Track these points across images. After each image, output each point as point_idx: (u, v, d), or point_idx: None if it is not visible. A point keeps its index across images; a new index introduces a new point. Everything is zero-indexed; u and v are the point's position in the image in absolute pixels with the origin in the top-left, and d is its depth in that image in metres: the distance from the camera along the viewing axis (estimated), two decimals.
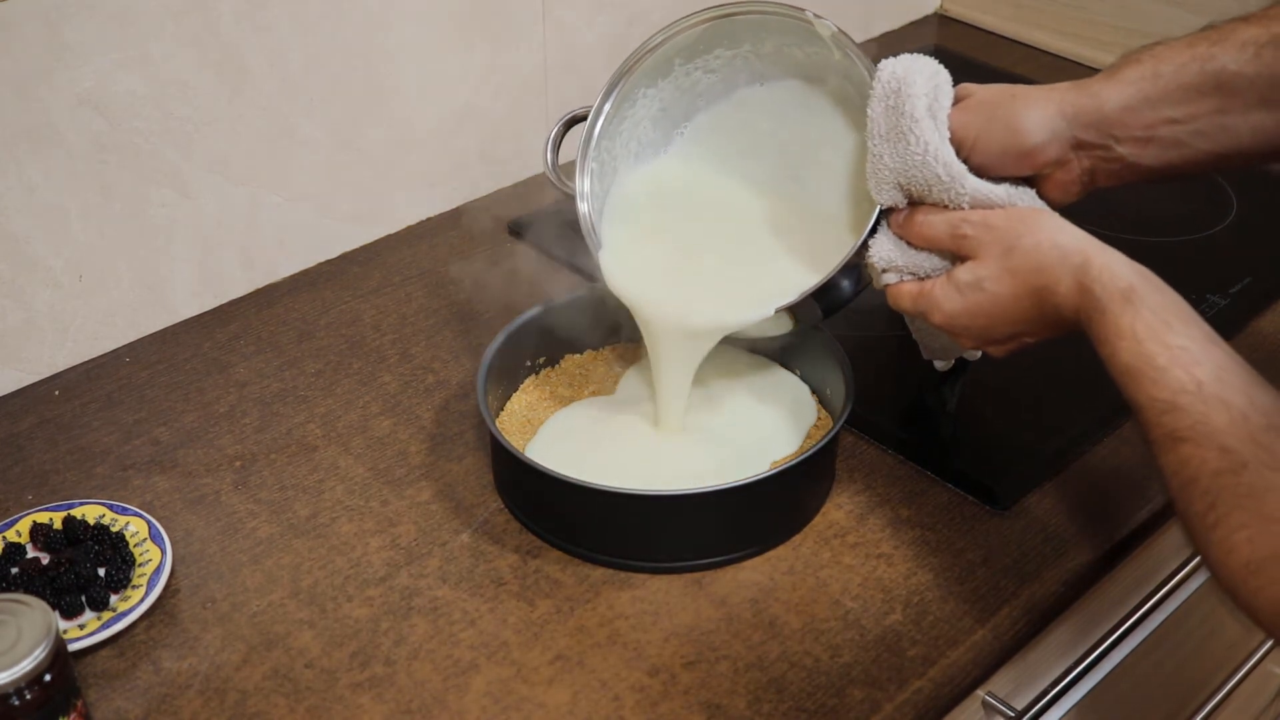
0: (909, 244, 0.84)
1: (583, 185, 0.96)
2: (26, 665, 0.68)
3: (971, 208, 0.81)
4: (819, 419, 0.97)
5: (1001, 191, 0.82)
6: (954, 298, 0.81)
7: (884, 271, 0.86)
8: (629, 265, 0.95)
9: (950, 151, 0.81)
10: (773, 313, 0.89)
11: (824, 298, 0.89)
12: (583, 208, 0.96)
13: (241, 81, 1.08)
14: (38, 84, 0.98)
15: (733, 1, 0.92)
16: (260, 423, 1.02)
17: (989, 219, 0.80)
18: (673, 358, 0.94)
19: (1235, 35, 0.79)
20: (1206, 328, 0.70)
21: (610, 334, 1.04)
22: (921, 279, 0.85)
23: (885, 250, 0.85)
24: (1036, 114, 0.81)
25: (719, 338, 0.92)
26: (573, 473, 0.86)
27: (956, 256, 0.82)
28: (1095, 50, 1.55)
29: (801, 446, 0.95)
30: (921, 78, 0.82)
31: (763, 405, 0.98)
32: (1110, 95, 0.81)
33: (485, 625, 0.84)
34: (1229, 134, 0.80)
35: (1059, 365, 1.06)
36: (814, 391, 1.00)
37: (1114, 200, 0.91)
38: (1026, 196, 0.83)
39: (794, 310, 0.89)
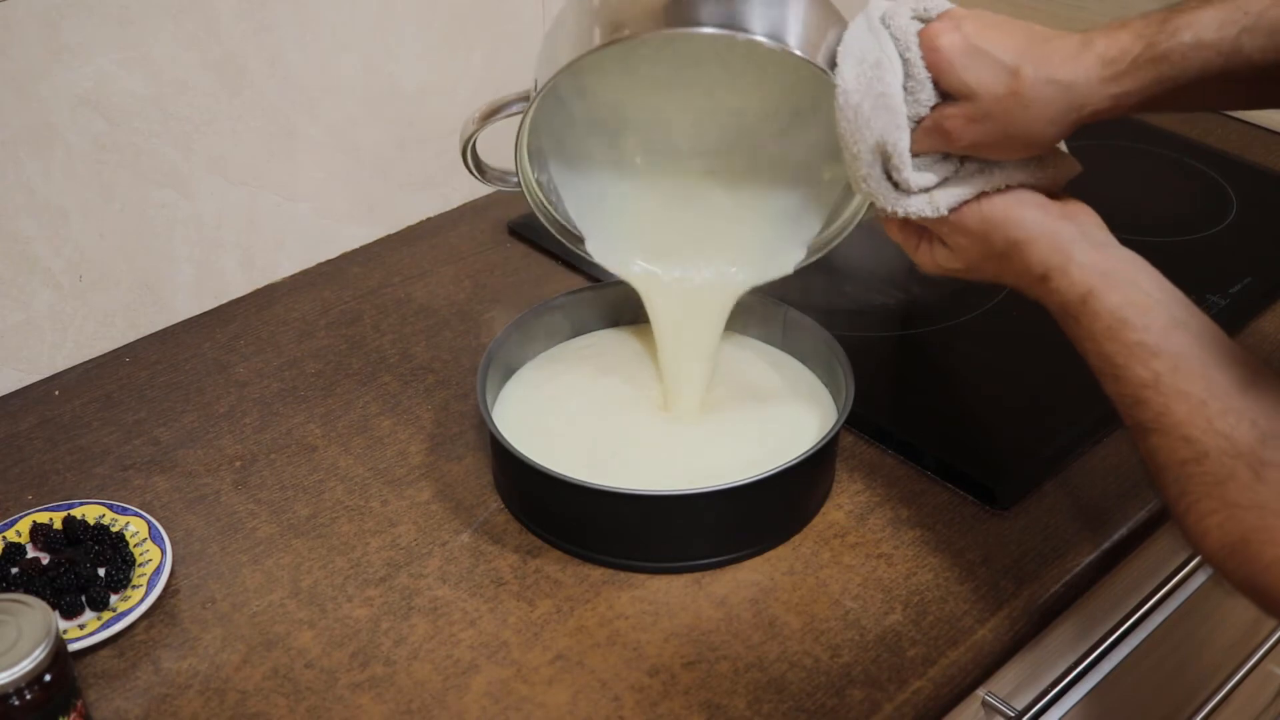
0: None
1: (528, 175, 0.91)
2: (26, 665, 0.68)
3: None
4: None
5: (973, 190, 0.78)
6: (936, 266, 0.82)
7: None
8: (624, 247, 0.95)
9: (917, 206, 0.78)
10: (793, 271, 0.93)
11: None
12: (540, 199, 0.93)
13: (241, 81, 1.08)
14: (38, 84, 0.98)
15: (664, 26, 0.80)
16: (260, 423, 1.02)
17: (963, 223, 0.78)
18: (690, 333, 0.95)
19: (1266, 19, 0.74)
20: (1174, 310, 0.71)
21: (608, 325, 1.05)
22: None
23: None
24: (1056, 129, 0.76)
25: (733, 302, 0.95)
26: (594, 474, 0.86)
27: None
28: None
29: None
30: (870, 132, 0.76)
31: (783, 403, 0.99)
32: (1130, 100, 0.75)
33: (485, 625, 0.84)
34: (1230, 96, 0.79)
35: (1059, 365, 1.06)
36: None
37: (1114, 201, 0.91)
38: (1004, 177, 0.79)
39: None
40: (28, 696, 0.69)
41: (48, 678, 0.69)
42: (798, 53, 0.78)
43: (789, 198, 0.94)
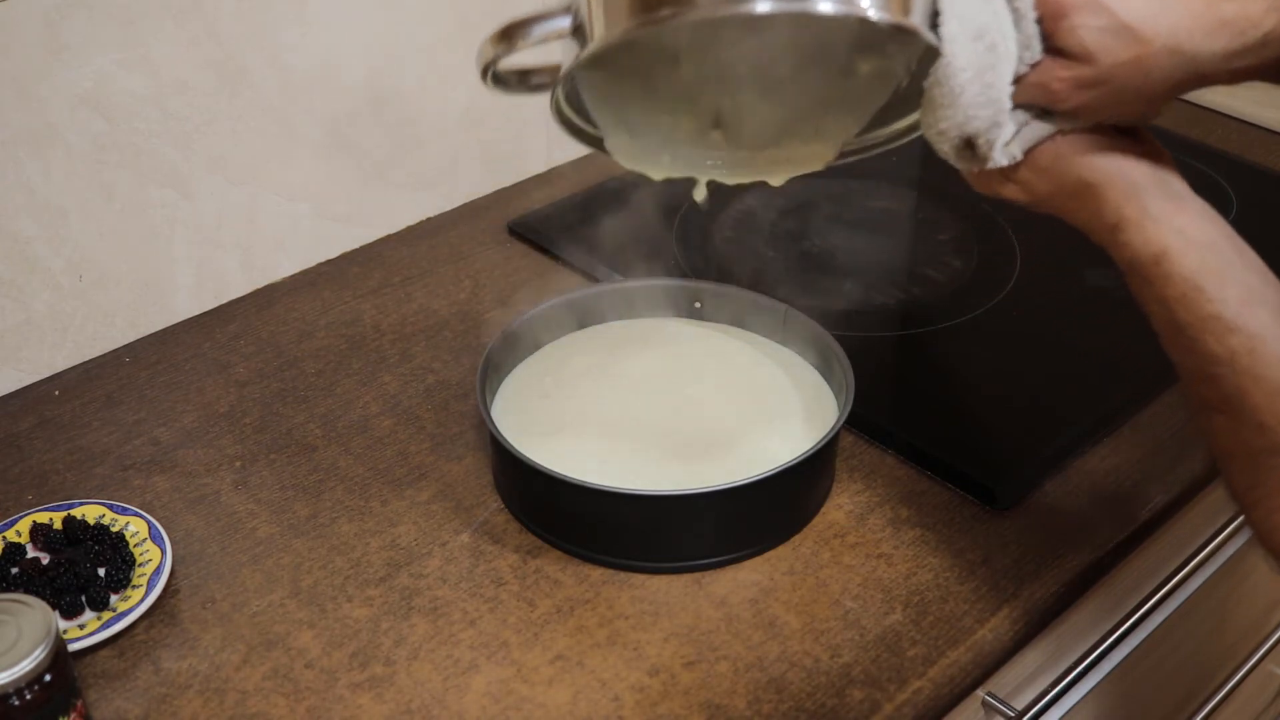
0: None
1: (562, 107, 0.83)
2: (26, 665, 0.68)
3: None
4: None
5: (1051, 130, 0.72)
6: (995, 194, 0.75)
7: None
8: (649, 151, 0.86)
9: (994, 162, 0.72)
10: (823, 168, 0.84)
11: None
12: (566, 110, 0.83)
13: (241, 81, 1.08)
14: (38, 84, 0.98)
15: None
16: (260, 423, 1.02)
17: (1035, 161, 0.72)
18: None
19: None
20: (1252, 280, 0.67)
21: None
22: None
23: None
24: (1170, 96, 0.70)
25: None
26: (592, 475, 0.86)
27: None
28: None
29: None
30: (965, 120, 0.70)
31: (784, 402, 0.99)
32: (1250, 73, 0.70)
33: (485, 625, 0.84)
34: None
35: (1059, 365, 1.07)
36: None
37: None
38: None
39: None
40: (28, 696, 0.69)
41: (48, 678, 0.69)
42: (915, 30, 0.68)
43: (825, 89, 0.82)
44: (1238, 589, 1.19)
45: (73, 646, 0.80)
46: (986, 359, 1.08)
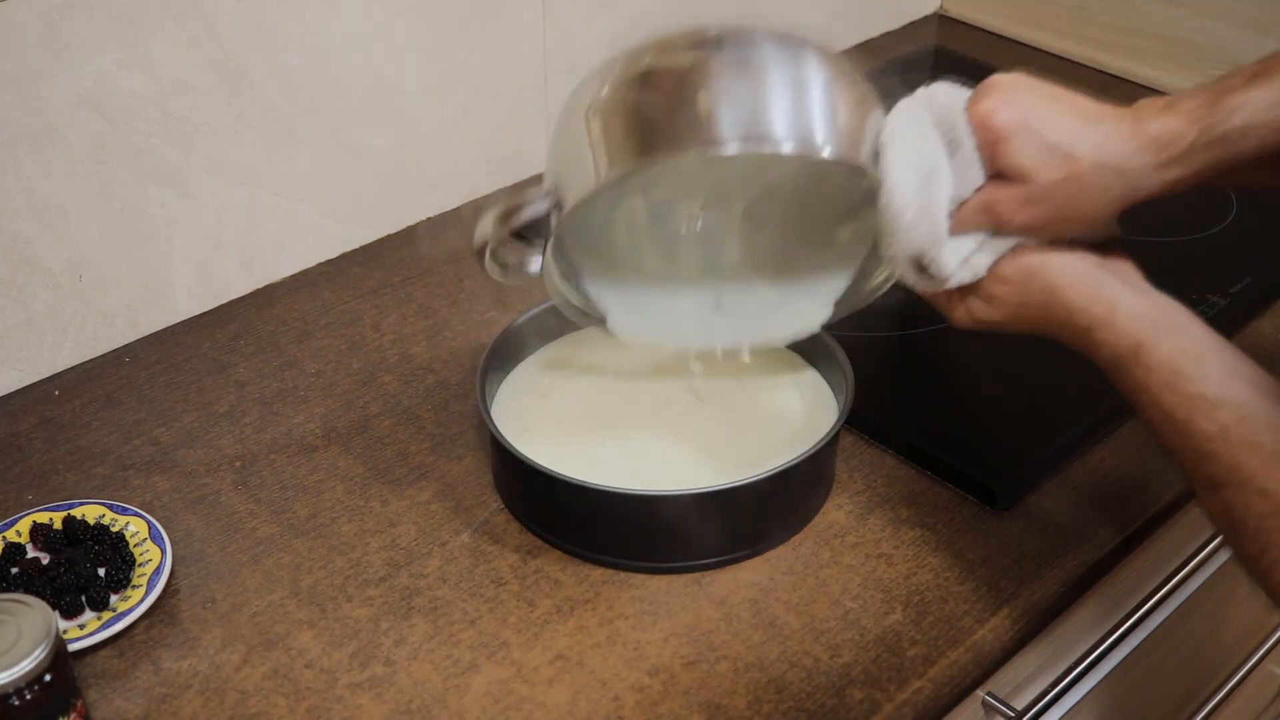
0: None
1: (554, 281, 0.88)
2: (26, 665, 0.68)
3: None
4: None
5: (1010, 245, 0.77)
6: (973, 321, 0.80)
7: None
8: (647, 326, 0.93)
9: (956, 280, 0.77)
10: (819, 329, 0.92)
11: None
12: (560, 289, 0.89)
13: (241, 81, 1.08)
14: (38, 84, 0.98)
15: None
16: (260, 423, 1.02)
17: (1000, 273, 0.77)
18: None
19: None
20: (1226, 357, 0.69)
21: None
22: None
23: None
24: (1109, 212, 0.75)
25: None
26: (590, 471, 0.86)
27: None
28: (1095, 50, 1.55)
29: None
30: (908, 241, 0.76)
31: (784, 402, 0.99)
32: (1184, 183, 0.74)
33: (485, 625, 0.84)
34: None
35: (1059, 365, 1.06)
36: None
37: None
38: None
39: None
40: (28, 696, 0.69)
41: (48, 678, 0.69)
42: (860, 164, 0.76)
43: (813, 260, 0.91)
44: (1238, 589, 1.19)
45: (73, 646, 0.80)
46: (986, 359, 1.08)
